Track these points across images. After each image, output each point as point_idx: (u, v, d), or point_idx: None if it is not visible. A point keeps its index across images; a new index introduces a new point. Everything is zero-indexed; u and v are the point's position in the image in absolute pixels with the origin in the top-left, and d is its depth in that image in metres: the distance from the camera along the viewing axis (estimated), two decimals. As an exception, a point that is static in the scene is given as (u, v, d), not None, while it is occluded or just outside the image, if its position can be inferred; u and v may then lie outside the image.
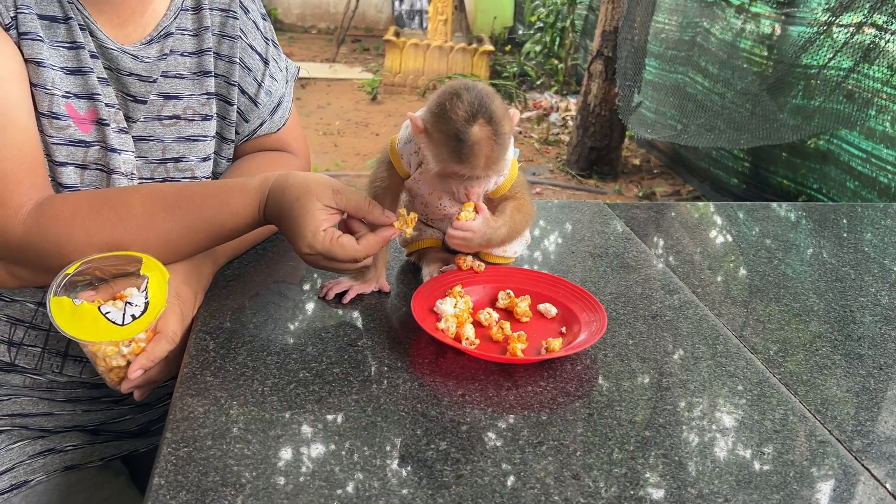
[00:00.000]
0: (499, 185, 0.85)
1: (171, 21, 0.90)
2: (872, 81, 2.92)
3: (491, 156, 0.77)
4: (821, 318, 0.94)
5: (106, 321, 0.72)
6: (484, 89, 0.77)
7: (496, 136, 0.76)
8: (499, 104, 0.77)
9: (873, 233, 1.27)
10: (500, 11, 8.18)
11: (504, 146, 0.77)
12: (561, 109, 5.77)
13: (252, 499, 0.57)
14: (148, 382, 0.78)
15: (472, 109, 0.75)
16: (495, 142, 0.76)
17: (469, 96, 0.76)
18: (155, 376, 0.78)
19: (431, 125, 0.78)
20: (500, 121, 0.77)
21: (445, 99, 0.77)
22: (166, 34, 0.89)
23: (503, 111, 0.78)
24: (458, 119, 0.75)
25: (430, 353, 0.77)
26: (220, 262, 0.90)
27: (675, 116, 4.06)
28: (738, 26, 3.73)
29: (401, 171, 0.86)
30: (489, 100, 0.76)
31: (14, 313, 0.86)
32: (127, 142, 0.86)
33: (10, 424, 0.87)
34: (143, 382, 0.77)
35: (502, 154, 0.78)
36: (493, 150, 0.77)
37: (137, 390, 0.78)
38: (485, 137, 0.76)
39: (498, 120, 0.76)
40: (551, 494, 0.59)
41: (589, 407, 0.71)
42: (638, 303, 0.91)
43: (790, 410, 0.73)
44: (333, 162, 4.41)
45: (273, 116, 1.03)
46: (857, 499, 0.63)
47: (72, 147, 0.82)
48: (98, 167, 0.84)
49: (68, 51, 0.82)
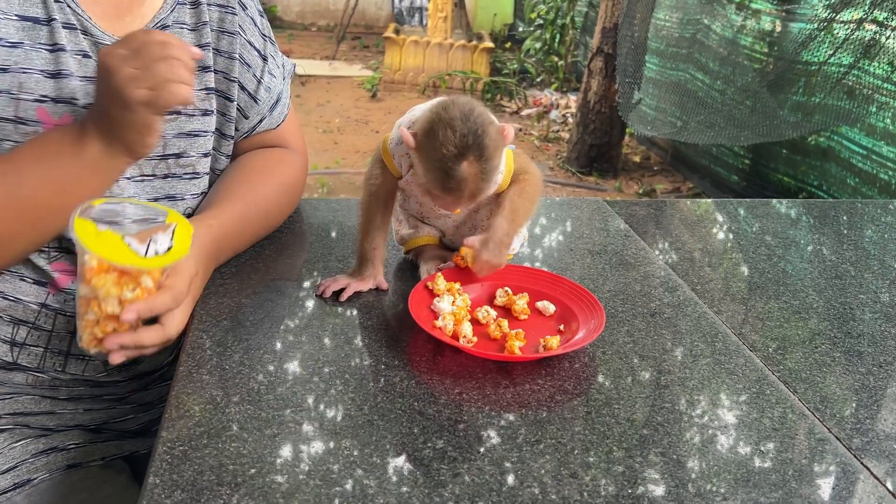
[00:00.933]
0: (498, 186, 0.85)
1: (168, 14, 0.89)
2: (873, 78, 2.92)
3: (476, 190, 0.77)
4: (820, 315, 0.93)
5: (128, 249, 0.70)
6: (479, 118, 0.75)
7: (483, 173, 0.75)
8: (492, 135, 0.75)
9: (873, 230, 1.27)
10: (500, 8, 8.18)
11: (490, 179, 0.77)
12: (561, 106, 5.76)
13: (248, 498, 0.56)
14: (133, 345, 0.73)
15: (464, 143, 0.74)
16: (482, 178, 0.76)
17: (463, 128, 0.74)
18: (143, 342, 0.74)
19: (421, 146, 0.77)
20: (491, 156, 0.75)
21: (438, 126, 0.75)
22: (162, 26, 0.89)
23: (496, 142, 0.76)
24: (448, 154, 0.74)
25: (428, 351, 0.77)
26: (221, 259, 0.90)
27: (676, 113, 4.05)
28: (739, 23, 3.72)
29: (393, 170, 0.86)
30: (482, 132, 0.74)
31: (17, 314, 0.86)
32: None
33: (12, 423, 0.87)
34: (129, 342, 0.72)
35: (488, 186, 0.78)
36: (478, 186, 0.76)
37: (117, 352, 0.73)
38: (472, 174, 0.75)
39: (489, 156, 0.75)
40: (549, 493, 0.59)
41: (587, 405, 0.70)
42: (637, 300, 0.91)
43: (789, 408, 0.72)
44: (333, 159, 4.41)
45: (272, 113, 1.02)
46: (857, 497, 0.62)
47: None
48: None
49: (49, 53, 0.80)
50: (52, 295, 0.86)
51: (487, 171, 0.76)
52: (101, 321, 0.72)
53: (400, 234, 0.95)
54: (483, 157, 0.75)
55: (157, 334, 0.74)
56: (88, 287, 0.71)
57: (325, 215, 1.12)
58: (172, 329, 0.76)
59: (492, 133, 0.76)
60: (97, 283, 0.70)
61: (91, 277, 0.70)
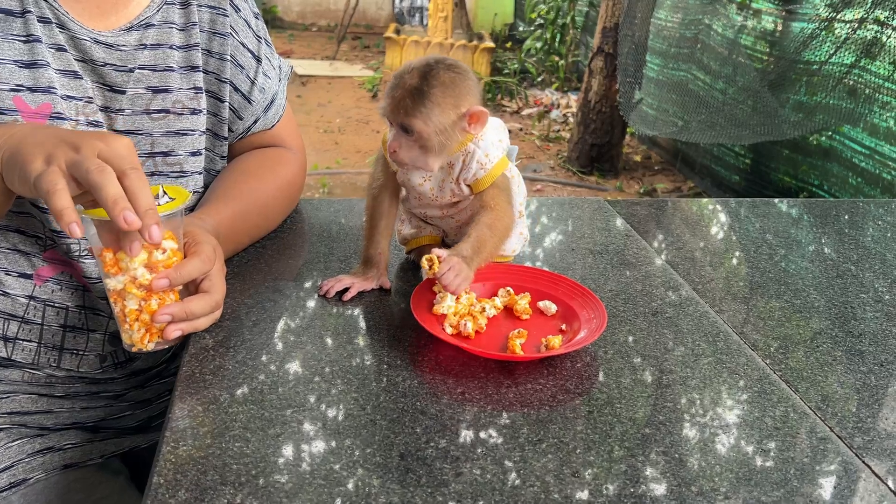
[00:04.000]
0: (478, 179, 0.84)
1: (155, 13, 0.89)
2: (875, 77, 2.92)
3: (402, 103, 0.77)
4: (822, 314, 0.93)
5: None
6: (457, 67, 0.78)
7: (418, 90, 0.76)
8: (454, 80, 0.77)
9: (875, 229, 1.27)
10: (501, 8, 8.18)
11: (423, 107, 0.76)
12: (562, 106, 5.76)
13: (251, 497, 0.56)
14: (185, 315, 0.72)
15: (423, 63, 0.78)
16: (414, 94, 0.76)
17: (433, 59, 0.78)
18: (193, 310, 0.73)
19: None
20: (438, 84, 0.76)
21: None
22: (147, 25, 0.89)
23: (452, 85, 0.77)
24: (406, 67, 0.78)
25: (430, 351, 0.77)
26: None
27: (677, 113, 4.05)
28: (740, 22, 3.72)
29: (391, 163, 0.86)
30: (446, 69, 0.77)
31: (6, 308, 0.86)
32: None
33: (9, 422, 0.87)
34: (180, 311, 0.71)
35: (418, 110, 0.76)
36: (407, 99, 0.76)
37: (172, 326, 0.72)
38: (408, 84, 0.76)
39: (435, 82, 0.76)
40: (551, 492, 0.59)
41: (589, 404, 0.71)
42: (638, 300, 0.91)
43: (791, 407, 0.72)
44: (334, 160, 4.41)
45: (267, 113, 1.03)
46: (858, 495, 0.62)
47: None
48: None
49: (23, 44, 0.80)
50: (38, 286, 0.86)
51: (423, 91, 0.76)
52: (144, 306, 0.72)
53: (402, 234, 0.95)
54: (429, 77, 0.76)
55: (204, 301, 0.74)
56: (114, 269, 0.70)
57: (327, 216, 1.12)
58: (217, 293, 0.76)
59: (455, 79, 0.77)
60: (121, 255, 0.70)
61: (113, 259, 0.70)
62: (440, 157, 0.80)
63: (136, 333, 0.73)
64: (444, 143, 0.79)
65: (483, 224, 0.82)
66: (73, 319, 0.88)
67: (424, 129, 0.77)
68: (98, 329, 0.90)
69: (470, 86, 0.79)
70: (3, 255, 0.85)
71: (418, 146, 0.79)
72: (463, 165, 0.83)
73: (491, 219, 0.82)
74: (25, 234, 0.85)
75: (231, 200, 0.93)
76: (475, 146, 0.82)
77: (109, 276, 0.71)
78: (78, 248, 0.85)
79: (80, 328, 0.89)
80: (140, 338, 0.73)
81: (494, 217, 0.82)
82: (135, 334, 0.73)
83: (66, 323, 0.88)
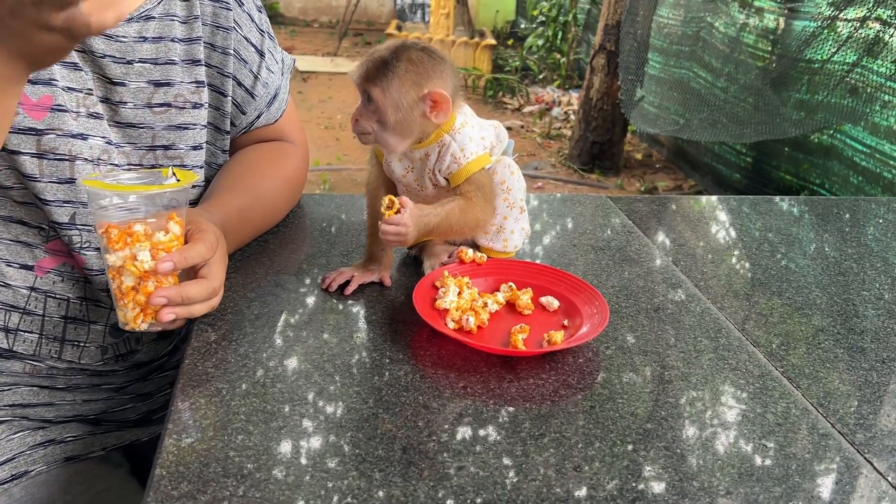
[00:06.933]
0: (451, 172, 0.85)
1: (156, 4, 0.89)
2: (877, 76, 2.91)
3: (368, 71, 0.79)
4: (823, 311, 0.94)
5: (140, 186, 0.72)
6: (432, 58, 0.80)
7: (384, 61, 0.79)
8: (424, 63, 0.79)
9: (876, 227, 1.27)
10: (502, 5, 8.17)
11: (384, 77, 0.79)
12: (563, 104, 5.76)
13: (253, 489, 0.57)
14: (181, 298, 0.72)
15: (399, 42, 0.81)
16: (380, 64, 0.79)
17: (409, 42, 0.81)
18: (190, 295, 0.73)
19: None
20: (404, 60, 0.79)
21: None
22: (147, 17, 0.89)
23: (422, 68, 0.79)
24: (385, 43, 0.82)
25: (432, 345, 0.77)
26: (229, 250, 0.90)
27: (678, 111, 4.05)
28: (742, 20, 3.72)
29: (380, 156, 0.87)
30: (417, 52, 0.79)
31: (7, 299, 0.86)
32: (97, 127, 0.85)
33: (10, 415, 0.87)
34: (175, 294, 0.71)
35: (378, 78, 0.79)
36: (374, 70, 0.79)
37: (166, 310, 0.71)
38: (378, 58, 0.79)
39: (403, 57, 0.79)
40: (553, 486, 0.59)
41: (591, 399, 0.71)
42: (640, 296, 0.91)
43: (792, 404, 0.73)
44: (335, 156, 4.41)
45: (270, 108, 1.03)
46: (860, 492, 0.62)
47: (22, 135, 0.80)
48: (58, 156, 0.82)
49: None
50: (40, 278, 0.86)
51: (391, 66, 0.79)
52: (141, 286, 0.71)
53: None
54: (398, 56, 0.79)
55: (202, 287, 0.74)
56: (116, 246, 0.70)
57: (328, 211, 1.12)
58: (216, 280, 0.76)
59: (424, 59, 0.80)
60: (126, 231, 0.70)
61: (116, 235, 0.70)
62: (401, 138, 0.82)
63: (131, 312, 0.73)
64: (402, 122, 0.80)
65: (456, 205, 0.84)
66: (75, 311, 0.89)
67: (382, 100, 0.79)
68: (99, 321, 0.90)
69: (440, 71, 0.80)
70: (5, 246, 0.85)
71: (376, 119, 0.81)
72: (438, 157, 0.84)
73: (464, 205, 0.84)
74: (28, 224, 0.85)
75: (237, 194, 0.93)
76: (451, 139, 0.84)
77: (110, 251, 0.71)
78: (80, 239, 0.85)
79: (81, 320, 0.89)
80: (134, 317, 0.73)
81: (468, 205, 0.85)
82: (129, 313, 0.73)
83: (68, 314, 0.88)
